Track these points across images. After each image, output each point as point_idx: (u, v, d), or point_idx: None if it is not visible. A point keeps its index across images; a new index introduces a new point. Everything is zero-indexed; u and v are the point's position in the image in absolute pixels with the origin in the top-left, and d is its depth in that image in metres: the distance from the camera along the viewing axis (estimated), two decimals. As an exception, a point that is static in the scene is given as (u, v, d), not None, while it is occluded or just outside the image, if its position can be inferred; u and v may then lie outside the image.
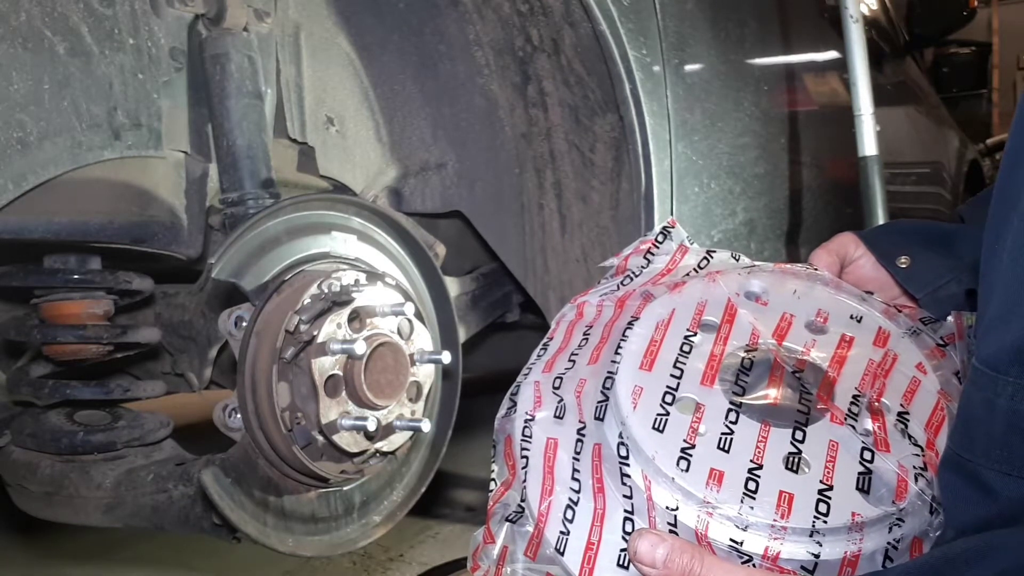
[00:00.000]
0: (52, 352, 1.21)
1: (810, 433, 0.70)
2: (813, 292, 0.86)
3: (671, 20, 1.47)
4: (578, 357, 0.84)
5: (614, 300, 0.90)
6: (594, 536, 0.70)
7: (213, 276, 1.09)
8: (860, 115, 1.87)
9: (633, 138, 1.37)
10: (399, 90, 1.55)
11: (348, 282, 1.11)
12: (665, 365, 0.77)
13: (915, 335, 0.82)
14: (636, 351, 0.78)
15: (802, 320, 0.82)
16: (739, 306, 0.83)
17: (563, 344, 0.88)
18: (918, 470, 0.68)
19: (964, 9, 3.21)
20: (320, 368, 1.06)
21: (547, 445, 0.77)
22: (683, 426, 0.71)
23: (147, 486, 1.18)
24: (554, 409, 0.80)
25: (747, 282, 0.87)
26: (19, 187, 0.99)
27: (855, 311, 0.84)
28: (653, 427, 0.71)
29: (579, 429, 0.77)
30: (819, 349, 0.79)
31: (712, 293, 0.84)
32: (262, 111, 1.28)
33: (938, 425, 0.72)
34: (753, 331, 0.80)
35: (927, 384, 0.76)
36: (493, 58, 1.47)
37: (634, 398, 0.74)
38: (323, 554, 1.19)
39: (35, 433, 1.24)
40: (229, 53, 1.22)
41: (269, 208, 1.15)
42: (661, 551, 0.62)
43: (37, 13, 0.99)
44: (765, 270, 0.90)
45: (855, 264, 0.92)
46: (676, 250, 0.93)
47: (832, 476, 0.67)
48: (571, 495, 0.73)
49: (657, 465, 0.69)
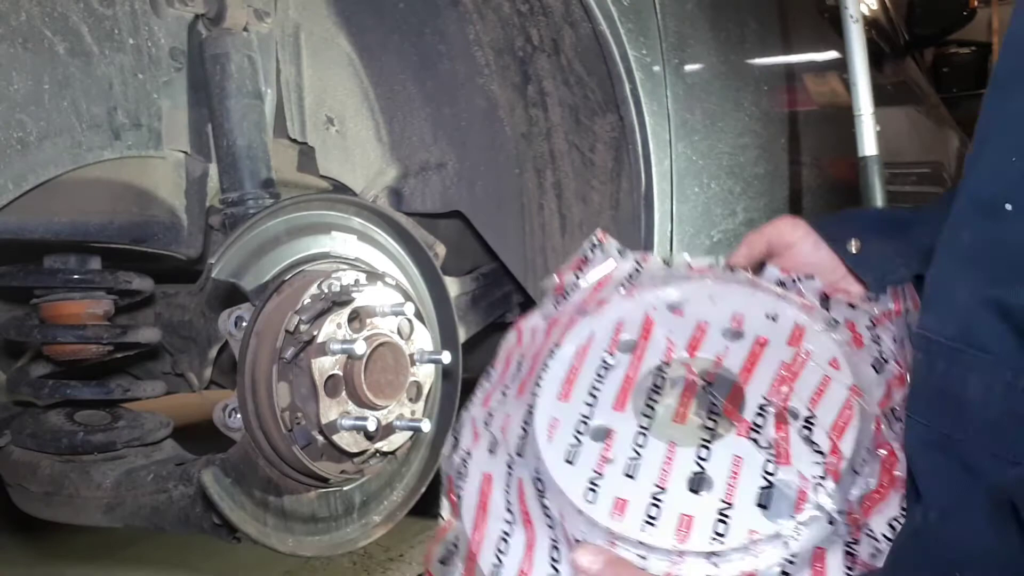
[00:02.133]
0: (52, 352, 1.21)
1: (715, 450, 0.71)
2: (729, 294, 0.86)
3: (671, 20, 1.47)
4: (508, 390, 0.86)
5: (547, 323, 0.91)
6: (525, 565, 0.72)
7: (213, 276, 1.09)
8: (860, 115, 1.86)
9: (633, 138, 1.37)
10: (399, 90, 1.55)
11: (348, 282, 1.11)
12: (581, 392, 0.79)
13: (833, 327, 0.82)
14: (555, 381, 0.80)
15: (717, 327, 0.83)
16: (655, 320, 0.84)
17: (501, 375, 0.90)
18: (817, 479, 0.69)
19: (964, 9, 3.21)
20: (320, 368, 1.06)
21: (482, 480, 0.79)
22: (593, 455, 0.73)
23: (147, 486, 1.18)
24: (488, 444, 0.82)
25: (664, 293, 0.88)
26: (19, 187, 0.99)
27: (771, 310, 0.84)
28: (565, 460, 0.73)
29: (508, 463, 0.78)
30: (732, 356, 0.80)
31: (630, 310, 0.86)
32: (262, 111, 1.28)
33: (843, 426, 0.73)
34: (668, 346, 0.81)
35: (838, 381, 0.76)
36: (493, 58, 1.47)
37: (550, 431, 0.76)
38: (323, 554, 1.19)
39: (35, 433, 1.24)
40: (229, 53, 1.22)
41: (269, 208, 1.15)
42: (598, 562, 0.67)
43: (37, 13, 0.99)
44: (680, 276, 0.90)
45: (794, 248, 0.92)
46: (604, 264, 0.94)
47: (734, 494, 0.68)
48: (504, 527, 0.75)
49: (568, 498, 0.71)
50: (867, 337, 0.82)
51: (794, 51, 2.08)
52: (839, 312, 0.85)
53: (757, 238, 0.93)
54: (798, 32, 2.10)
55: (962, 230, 0.67)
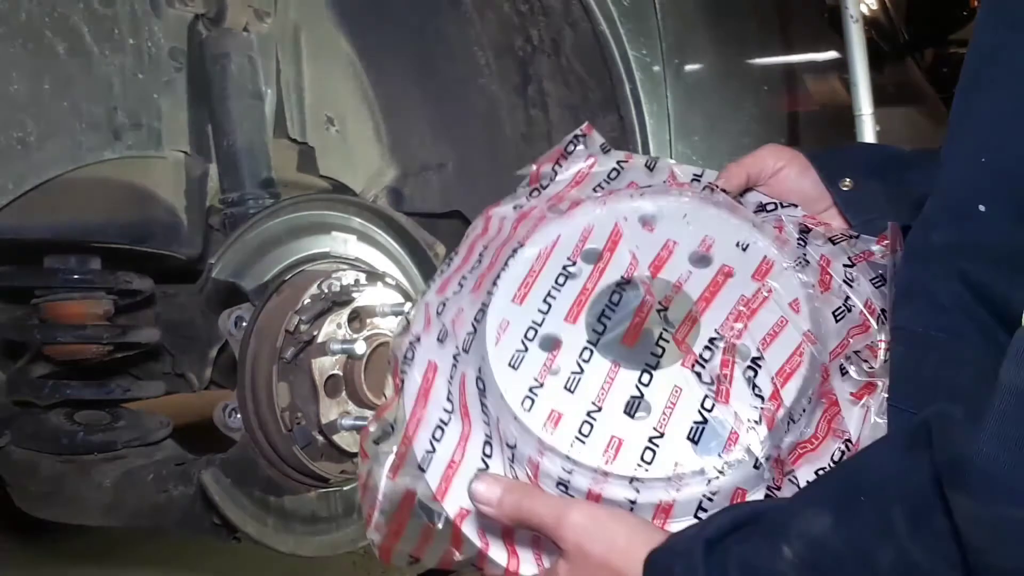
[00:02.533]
0: (52, 352, 1.21)
1: (657, 377, 0.71)
2: (704, 215, 0.84)
3: (671, 20, 1.47)
4: (466, 281, 0.85)
5: (516, 215, 0.90)
6: (457, 456, 0.73)
7: (213, 276, 1.09)
8: (860, 115, 1.86)
9: (633, 138, 1.37)
10: (399, 90, 1.55)
11: (348, 282, 1.11)
12: (536, 298, 0.78)
13: (802, 267, 0.80)
14: (512, 282, 0.79)
15: (686, 249, 0.81)
16: (624, 232, 0.82)
17: (462, 262, 0.88)
18: (752, 424, 0.69)
19: (964, 9, 3.21)
20: (320, 368, 1.06)
21: (428, 367, 0.78)
22: (537, 364, 0.73)
23: (147, 486, 1.18)
24: (438, 332, 0.81)
25: (640, 205, 0.85)
26: (19, 187, 0.99)
27: (743, 239, 0.82)
28: (509, 364, 0.73)
29: (455, 355, 0.78)
30: (693, 282, 0.79)
31: (602, 217, 0.84)
32: (262, 111, 1.28)
33: (790, 373, 0.72)
34: (632, 261, 0.80)
35: (794, 325, 0.75)
36: (493, 58, 1.48)
37: (498, 333, 0.75)
38: (323, 554, 1.19)
39: (35, 433, 1.24)
40: (229, 53, 1.22)
41: (269, 208, 1.15)
42: (495, 491, 0.68)
43: (37, 13, 0.99)
44: (659, 188, 0.88)
45: (778, 175, 0.89)
46: (585, 159, 0.92)
47: (666, 423, 0.69)
48: (443, 415, 0.75)
49: (506, 402, 0.71)
50: (838, 279, 0.80)
51: (794, 51, 2.08)
52: (816, 248, 0.83)
53: (736, 170, 0.89)
54: (798, 32, 2.10)
55: (932, 232, 0.67)
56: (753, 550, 0.59)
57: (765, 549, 0.59)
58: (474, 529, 0.71)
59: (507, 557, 0.70)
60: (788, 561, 0.57)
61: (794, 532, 0.58)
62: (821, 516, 0.57)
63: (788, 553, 0.57)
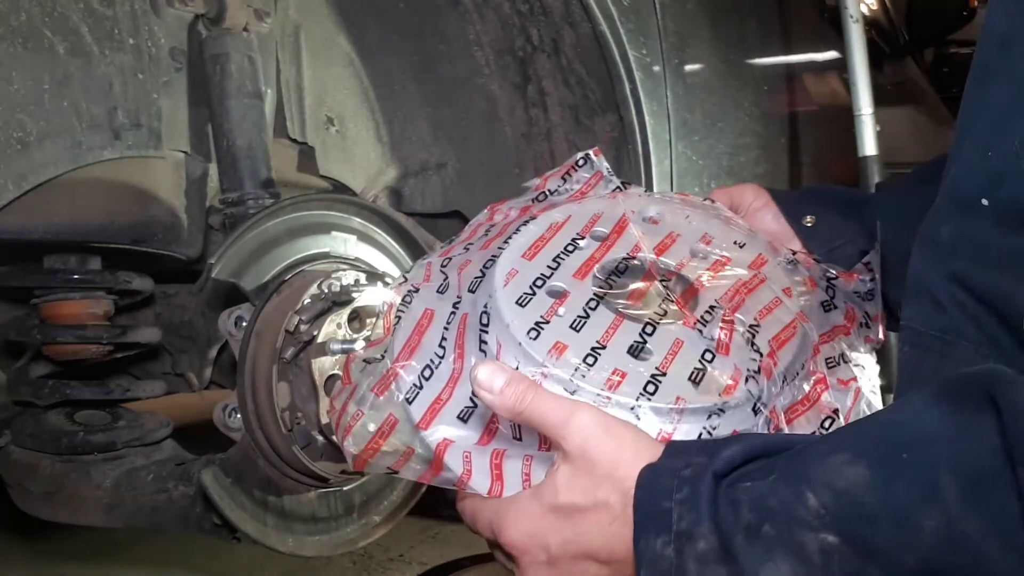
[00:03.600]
0: (52, 352, 1.21)
1: (659, 330, 0.73)
2: (705, 219, 0.90)
3: (671, 20, 1.47)
4: (472, 246, 0.87)
5: (522, 208, 0.93)
6: (444, 395, 0.72)
7: (213, 276, 1.09)
8: (860, 115, 1.86)
9: (633, 138, 1.37)
10: (399, 90, 1.55)
11: (348, 282, 1.11)
12: (545, 258, 0.80)
13: (793, 268, 0.85)
14: (523, 243, 0.81)
15: (687, 241, 0.86)
16: (631, 221, 0.86)
17: (467, 236, 0.91)
18: (751, 373, 0.71)
19: (964, 9, 3.20)
20: (320, 368, 1.06)
21: (423, 314, 0.79)
22: (544, 306, 0.74)
23: (147, 486, 1.18)
24: (438, 285, 0.82)
25: (646, 205, 0.90)
26: (19, 187, 0.99)
27: (739, 239, 0.87)
28: (517, 302, 0.74)
29: (455, 303, 0.79)
30: (693, 266, 0.83)
31: (610, 208, 0.87)
32: (262, 111, 1.28)
33: (784, 340, 0.75)
34: (637, 244, 0.83)
35: (787, 305, 0.80)
36: (493, 58, 1.48)
37: (507, 278, 0.76)
38: (323, 554, 1.19)
39: (35, 433, 1.24)
40: (229, 53, 1.22)
41: (269, 208, 1.16)
42: (500, 378, 0.65)
43: (37, 13, 0.99)
44: (667, 198, 0.93)
45: (756, 214, 0.96)
46: (592, 176, 0.95)
47: (669, 366, 0.70)
48: (433, 358, 0.75)
49: (510, 332, 0.71)
50: (822, 285, 0.85)
51: (794, 51, 2.08)
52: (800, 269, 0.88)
53: (721, 195, 0.96)
54: (798, 32, 2.10)
55: (942, 224, 0.67)
56: (770, 490, 0.55)
57: (785, 492, 0.54)
58: (458, 458, 0.70)
59: (490, 483, 0.69)
60: (813, 511, 0.53)
61: (820, 479, 0.53)
62: (854, 467, 0.53)
63: (813, 502, 0.53)
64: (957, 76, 5.43)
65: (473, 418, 0.71)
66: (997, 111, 0.64)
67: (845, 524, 0.52)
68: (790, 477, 0.55)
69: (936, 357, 0.66)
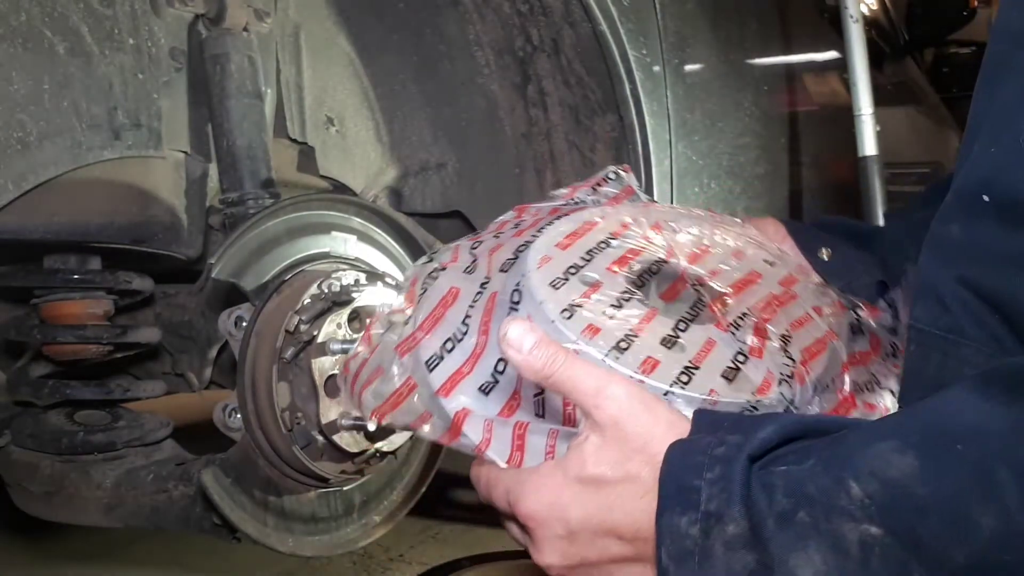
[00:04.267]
0: (52, 352, 1.21)
1: (692, 328, 0.72)
2: (735, 237, 0.89)
3: (671, 20, 1.47)
4: (503, 235, 0.85)
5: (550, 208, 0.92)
6: (466, 368, 0.71)
7: (213, 276, 1.09)
8: (860, 115, 1.87)
9: (633, 138, 1.37)
10: (399, 90, 1.55)
11: (348, 282, 1.11)
12: (579, 250, 0.78)
13: (822, 290, 0.85)
14: (557, 233, 0.79)
15: (718, 255, 0.84)
16: (663, 228, 0.85)
17: (494, 229, 0.89)
18: (784, 377, 0.70)
19: (964, 9, 3.21)
20: (320, 368, 1.06)
21: (449, 291, 0.78)
22: (577, 291, 0.72)
23: (147, 486, 1.18)
24: (466, 265, 0.80)
25: (679, 217, 0.89)
26: (19, 187, 0.99)
27: (770, 258, 0.87)
28: (550, 284, 0.72)
29: (483, 283, 0.77)
30: (724, 277, 0.82)
31: (642, 215, 0.86)
32: (262, 111, 1.28)
33: (816, 353, 0.74)
34: (669, 250, 0.82)
35: (818, 322, 0.79)
36: (493, 58, 1.47)
37: (541, 262, 0.75)
38: (323, 554, 1.19)
39: (35, 433, 1.24)
40: (229, 53, 1.22)
41: (269, 208, 1.15)
42: (530, 338, 0.62)
43: (37, 13, 0.99)
44: (699, 214, 0.92)
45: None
46: (622, 191, 0.94)
47: (702, 361, 0.69)
48: (456, 332, 0.74)
49: (543, 310, 0.69)
50: (849, 308, 0.85)
51: (794, 51, 2.08)
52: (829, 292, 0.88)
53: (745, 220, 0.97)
54: (798, 32, 2.10)
55: (950, 224, 0.67)
56: (808, 475, 0.52)
57: (825, 480, 0.51)
58: (477, 426, 0.68)
59: (510, 452, 0.66)
60: (857, 500, 0.50)
61: (865, 468, 0.51)
62: (903, 456, 0.50)
63: (857, 491, 0.50)
64: (957, 76, 5.43)
65: (495, 392, 0.69)
66: (1005, 107, 0.64)
67: (892, 516, 0.49)
68: (831, 463, 0.52)
69: (940, 356, 0.66)
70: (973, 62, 5.86)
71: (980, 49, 3.17)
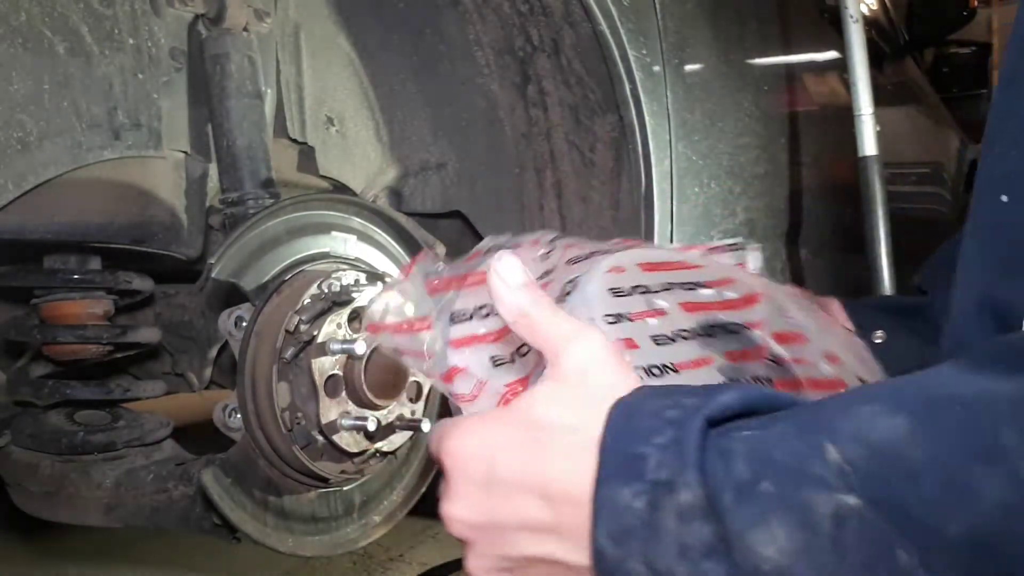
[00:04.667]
0: (52, 352, 1.21)
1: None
2: (838, 342, 0.79)
3: (671, 20, 1.47)
4: (586, 245, 0.77)
5: None
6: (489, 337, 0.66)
7: (213, 276, 1.09)
8: (860, 115, 1.86)
9: (633, 138, 1.37)
10: (399, 90, 1.55)
11: (348, 282, 1.11)
12: (660, 277, 0.70)
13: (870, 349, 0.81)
14: (646, 254, 0.71)
15: (812, 350, 0.75)
16: (762, 300, 0.75)
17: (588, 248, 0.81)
18: None
19: (964, 9, 3.20)
20: (320, 368, 1.06)
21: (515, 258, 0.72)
22: (636, 307, 0.66)
23: (147, 486, 1.18)
24: (539, 252, 0.73)
25: (785, 299, 0.78)
26: (19, 187, 0.99)
27: (866, 376, 0.77)
28: (611, 289, 0.66)
29: (547, 271, 0.71)
30: (807, 369, 0.75)
31: (747, 280, 0.76)
32: (262, 111, 1.28)
33: None
34: (760, 322, 0.73)
35: None
36: (493, 58, 1.47)
37: (613, 269, 0.68)
38: (323, 554, 1.19)
39: (35, 433, 1.24)
40: (229, 53, 1.22)
41: (269, 208, 1.15)
42: (520, 275, 0.58)
43: (37, 13, 0.99)
44: (806, 305, 0.81)
45: None
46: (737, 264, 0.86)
47: None
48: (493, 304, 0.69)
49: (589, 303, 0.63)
50: None
51: (794, 51, 2.08)
52: None
53: None
54: (798, 32, 2.10)
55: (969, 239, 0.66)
56: (777, 441, 0.46)
57: (796, 444, 0.46)
58: (469, 383, 0.65)
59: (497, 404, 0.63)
60: (834, 467, 0.44)
61: (846, 431, 0.45)
62: (892, 418, 0.44)
63: (835, 456, 0.44)
64: (957, 76, 5.43)
65: (505, 368, 0.66)
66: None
67: (876, 483, 0.43)
68: (804, 428, 0.46)
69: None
70: (973, 62, 5.88)
71: (980, 49, 3.22)
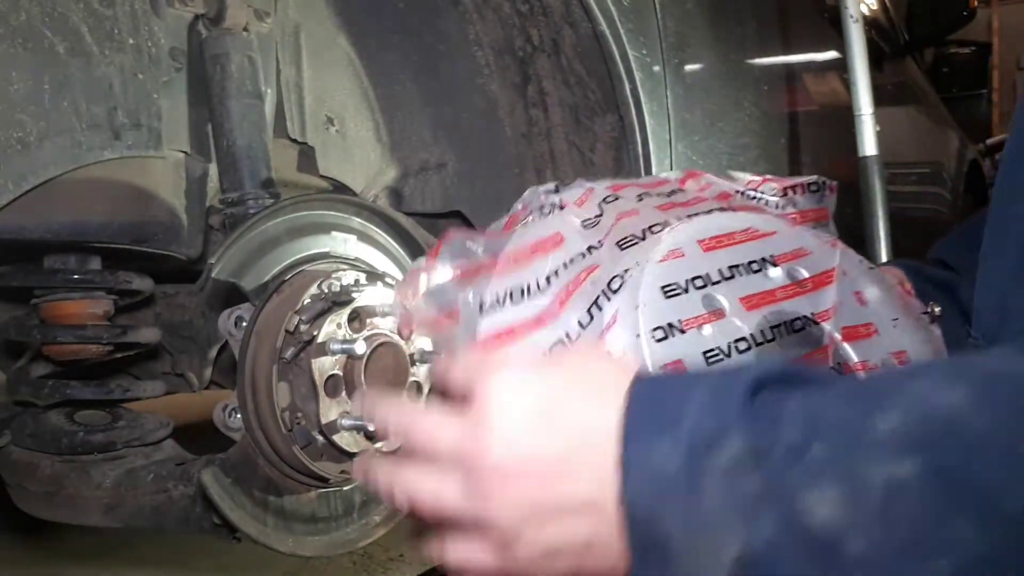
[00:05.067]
0: (52, 352, 1.21)
1: None
2: (911, 333, 0.74)
3: (671, 20, 1.47)
4: (647, 197, 0.70)
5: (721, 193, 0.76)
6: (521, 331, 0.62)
7: (213, 276, 1.09)
8: (860, 115, 1.86)
9: (633, 138, 1.37)
10: (399, 90, 1.55)
11: (348, 282, 1.11)
12: (723, 259, 0.64)
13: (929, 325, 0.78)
14: (706, 227, 0.65)
15: (882, 344, 0.70)
16: (837, 281, 0.69)
17: (644, 185, 0.73)
18: None
19: (964, 9, 3.20)
20: (320, 368, 1.06)
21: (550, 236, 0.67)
22: (691, 310, 0.60)
23: (147, 486, 1.18)
24: (588, 217, 0.68)
25: (861, 275, 0.72)
26: (19, 187, 0.99)
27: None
28: (664, 288, 0.60)
29: (591, 246, 0.66)
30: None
31: (822, 253, 0.70)
32: (262, 111, 1.28)
33: None
34: (830, 310, 0.67)
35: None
36: (493, 58, 1.47)
37: (669, 254, 0.62)
38: (323, 554, 1.19)
39: (35, 433, 1.24)
40: (229, 53, 1.22)
41: (269, 208, 1.15)
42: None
43: (37, 13, 0.99)
44: (886, 282, 0.76)
45: None
46: (815, 210, 0.79)
47: None
48: (532, 285, 0.64)
49: (635, 316, 0.58)
50: None
51: (794, 51, 2.08)
52: None
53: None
54: (798, 32, 2.10)
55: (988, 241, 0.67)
56: (828, 405, 0.44)
57: (847, 410, 0.43)
58: None
59: None
60: (886, 433, 0.41)
61: (902, 400, 0.42)
62: (951, 390, 0.42)
63: (890, 422, 0.41)
64: (957, 76, 5.44)
65: None
66: None
67: (934, 452, 0.40)
68: (856, 395, 0.44)
69: None
70: (973, 62, 5.89)
71: (980, 49, 3.22)
